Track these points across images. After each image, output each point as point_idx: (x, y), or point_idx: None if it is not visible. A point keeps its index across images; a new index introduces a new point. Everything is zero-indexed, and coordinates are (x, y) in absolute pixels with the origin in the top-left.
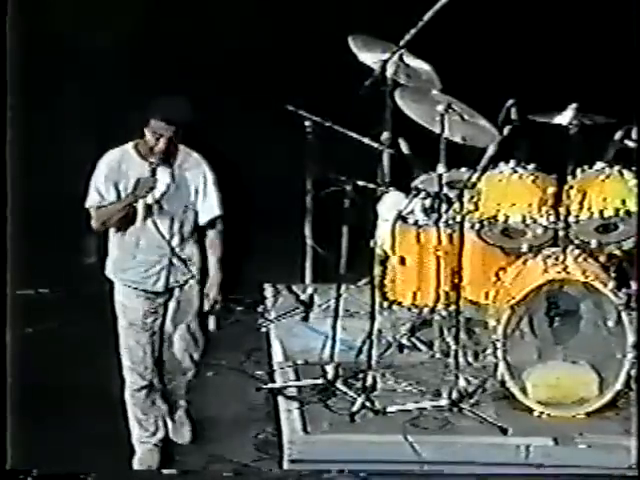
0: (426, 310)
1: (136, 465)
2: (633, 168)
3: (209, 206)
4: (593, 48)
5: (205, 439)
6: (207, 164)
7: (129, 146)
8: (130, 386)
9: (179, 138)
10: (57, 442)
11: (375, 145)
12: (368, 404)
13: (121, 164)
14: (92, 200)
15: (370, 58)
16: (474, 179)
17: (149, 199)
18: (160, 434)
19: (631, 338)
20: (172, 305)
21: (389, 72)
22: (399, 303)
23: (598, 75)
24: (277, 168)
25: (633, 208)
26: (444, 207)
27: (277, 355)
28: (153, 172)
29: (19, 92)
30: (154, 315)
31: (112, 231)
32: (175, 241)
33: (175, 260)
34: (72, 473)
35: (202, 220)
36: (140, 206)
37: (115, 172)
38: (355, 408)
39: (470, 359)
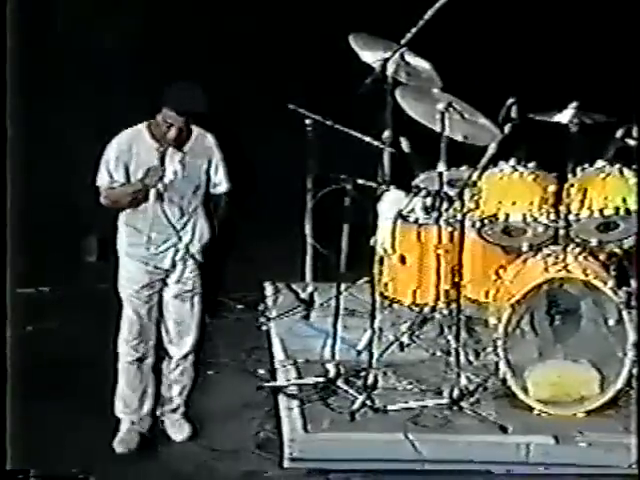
0: (427, 308)
1: (116, 445)
2: (633, 166)
3: (218, 181)
4: (593, 46)
5: (206, 437)
6: (216, 143)
7: (142, 126)
8: (122, 358)
9: (191, 122)
10: (57, 442)
11: (376, 143)
12: (369, 402)
13: (132, 145)
14: (102, 179)
15: (371, 57)
16: (475, 177)
17: (159, 186)
18: (144, 411)
19: (632, 336)
20: (174, 281)
21: (390, 71)
22: (400, 301)
23: (598, 73)
24: (278, 166)
25: (633, 207)
26: (445, 205)
27: (278, 353)
28: (162, 158)
29: (19, 92)
30: (153, 289)
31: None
32: (184, 220)
33: (183, 237)
34: (72, 473)
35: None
36: (151, 192)
37: (126, 153)
38: (356, 406)
39: (471, 357)
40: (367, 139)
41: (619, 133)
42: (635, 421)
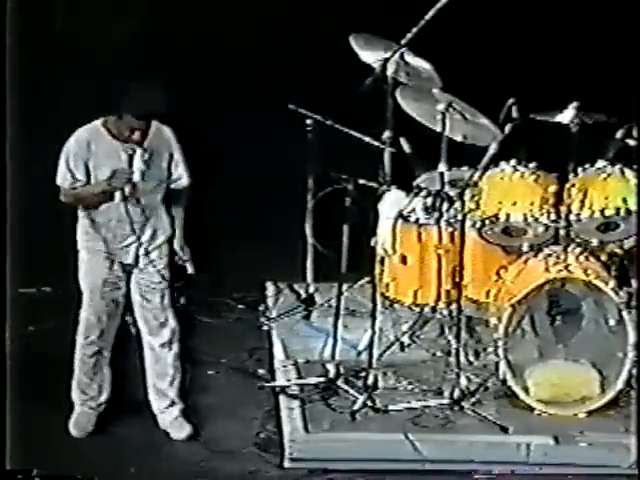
0: (427, 309)
1: (71, 427)
2: (634, 166)
3: (179, 175)
4: (594, 46)
5: (206, 437)
6: (175, 137)
7: (98, 123)
8: (81, 350)
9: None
10: (57, 442)
11: (376, 144)
12: (369, 403)
13: (90, 143)
14: (62, 178)
15: (371, 57)
16: (475, 178)
17: (127, 188)
18: (102, 398)
19: (632, 337)
20: (137, 277)
21: (390, 71)
22: (400, 302)
23: (599, 73)
24: (278, 167)
25: (634, 207)
26: (445, 206)
27: (279, 353)
28: (130, 160)
29: (19, 92)
30: (114, 285)
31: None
32: (145, 216)
33: (146, 231)
34: (72, 473)
35: (172, 187)
36: (117, 193)
37: (84, 150)
38: (356, 407)
39: (471, 358)
40: (367, 139)
41: (620, 133)
42: (635, 421)
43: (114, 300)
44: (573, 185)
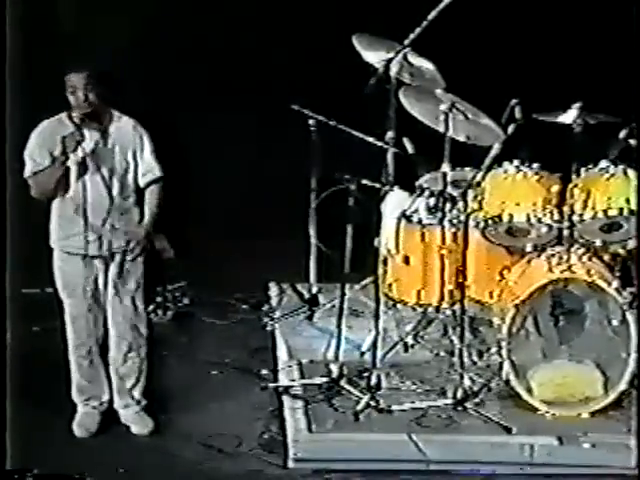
0: (431, 309)
1: (75, 427)
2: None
3: (148, 168)
4: (597, 46)
5: (210, 438)
6: (141, 126)
7: (63, 115)
8: (73, 352)
9: (101, 98)
10: (57, 442)
11: (379, 144)
12: (373, 403)
13: (54, 133)
14: (28, 169)
15: (374, 57)
16: (478, 178)
17: (79, 153)
18: (104, 398)
19: (635, 337)
20: (113, 271)
21: (393, 71)
22: (404, 302)
23: (602, 74)
24: (281, 167)
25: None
26: (448, 206)
27: (282, 354)
28: (79, 128)
29: (19, 92)
30: (94, 283)
31: (53, 200)
32: (115, 204)
33: (117, 224)
34: (72, 473)
35: (142, 182)
36: (72, 164)
37: (48, 140)
38: (360, 407)
39: (475, 358)
40: (370, 139)
41: (623, 133)
42: (635, 422)
43: (96, 299)
44: (576, 185)
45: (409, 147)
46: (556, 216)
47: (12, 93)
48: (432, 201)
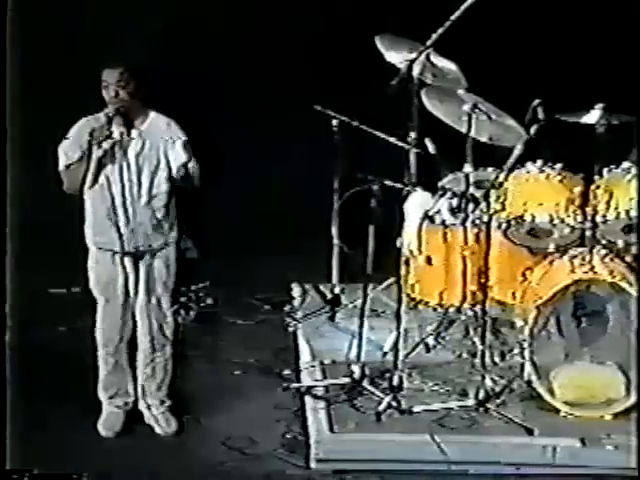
0: (452, 310)
1: (100, 427)
2: None
3: (178, 157)
4: (621, 47)
5: (232, 438)
6: (176, 125)
7: (101, 114)
8: (102, 349)
9: (138, 95)
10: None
11: (402, 145)
12: (395, 404)
13: (88, 128)
14: (61, 163)
15: (397, 57)
16: (501, 179)
17: (104, 146)
18: (129, 398)
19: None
20: (143, 270)
21: (415, 71)
22: (426, 303)
23: (626, 74)
24: (304, 168)
25: None
26: (471, 207)
27: (304, 354)
28: (109, 121)
29: (19, 92)
30: (125, 281)
31: (86, 197)
32: (144, 202)
33: (147, 222)
34: (72, 473)
35: (174, 173)
36: (95, 158)
37: (83, 137)
38: (381, 407)
39: (496, 359)
40: (393, 140)
41: None
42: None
43: (127, 299)
44: (598, 186)
45: (431, 148)
46: (579, 217)
47: (12, 93)
48: (455, 202)
